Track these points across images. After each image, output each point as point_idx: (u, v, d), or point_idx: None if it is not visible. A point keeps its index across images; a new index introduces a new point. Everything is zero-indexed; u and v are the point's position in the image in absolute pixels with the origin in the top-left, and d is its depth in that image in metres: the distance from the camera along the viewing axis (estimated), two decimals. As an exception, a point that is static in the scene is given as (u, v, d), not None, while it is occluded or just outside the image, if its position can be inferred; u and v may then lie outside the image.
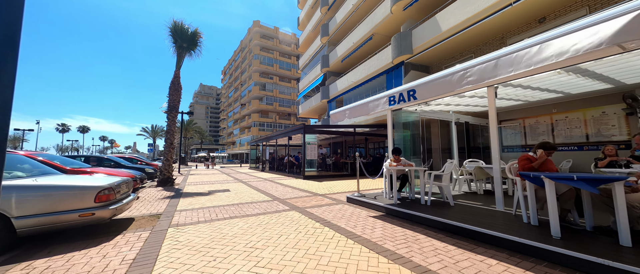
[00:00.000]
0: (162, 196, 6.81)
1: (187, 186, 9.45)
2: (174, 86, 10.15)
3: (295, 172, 14.26)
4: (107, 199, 3.34)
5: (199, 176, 14.70)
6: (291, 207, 5.17)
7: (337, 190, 7.67)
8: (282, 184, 9.70)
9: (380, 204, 4.65)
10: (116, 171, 6.49)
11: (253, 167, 23.41)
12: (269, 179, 11.61)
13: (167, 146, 9.89)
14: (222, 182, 10.69)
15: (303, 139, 11.79)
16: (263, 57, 50.41)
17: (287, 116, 54.29)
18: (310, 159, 11.89)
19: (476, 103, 6.95)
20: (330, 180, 10.83)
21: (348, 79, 17.17)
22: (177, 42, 10.24)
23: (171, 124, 9.98)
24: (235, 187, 8.84)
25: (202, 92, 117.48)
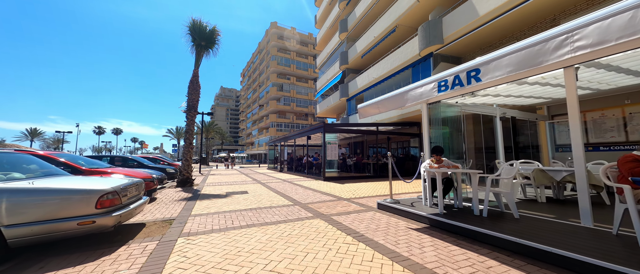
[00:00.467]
0: (179, 198, 6.53)
1: (205, 187, 9.22)
2: (193, 86, 10.01)
3: (314, 173, 13.70)
4: (110, 205, 2.93)
5: (218, 176, 14.65)
6: (315, 214, 4.55)
7: (363, 194, 6.94)
8: (301, 186, 9.16)
9: (422, 214, 3.88)
10: (134, 172, 6.30)
11: (271, 167, 23.25)
12: (287, 181, 11.14)
13: (186, 146, 9.76)
14: (240, 183, 10.39)
15: (323, 138, 11.18)
16: (280, 58, 50.68)
17: (304, 116, 54.14)
18: (331, 160, 11.25)
19: (530, 93, 5.90)
20: (352, 182, 10.11)
21: (369, 75, 16.30)
22: (195, 40, 10.11)
23: (190, 124, 9.84)
24: (253, 189, 8.44)
25: (222, 95, 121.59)
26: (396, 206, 4.49)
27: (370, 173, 12.83)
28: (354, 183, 9.68)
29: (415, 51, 11.71)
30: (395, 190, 7.57)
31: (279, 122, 50.33)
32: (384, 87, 15.17)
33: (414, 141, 14.37)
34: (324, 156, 11.10)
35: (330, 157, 11.12)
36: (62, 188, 2.71)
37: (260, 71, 59.04)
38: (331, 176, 11.20)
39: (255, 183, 10.19)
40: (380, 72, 14.94)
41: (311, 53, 55.35)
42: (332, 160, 11.24)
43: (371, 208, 4.99)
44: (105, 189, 2.91)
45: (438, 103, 5.42)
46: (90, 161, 6.49)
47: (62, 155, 5.51)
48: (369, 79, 16.14)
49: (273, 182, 10.36)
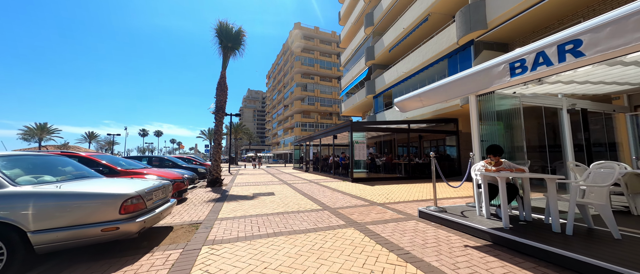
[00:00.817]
0: (208, 199, 6.52)
1: (233, 187, 9.27)
2: (221, 87, 10.15)
3: (340, 173, 13.20)
4: (134, 210, 2.78)
5: (246, 176, 14.88)
6: (348, 222, 4.08)
7: (397, 198, 6.29)
8: (329, 187, 8.74)
9: (480, 228, 3.20)
10: (167, 172, 6.42)
11: (297, 167, 23.25)
12: (314, 181, 10.81)
13: (215, 147, 9.92)
14: (267, 183, 10.31)
15: (350, 137, 10.63)
16: (304, 58, 50.92)
17: (328, 115, 53.78)
18: (358, 160, 10.66)
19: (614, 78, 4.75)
20: (382, 184, 9.42)
21: (397, 70, 15.32)
22: (222, 42, 10.24)
23: (219, 124, 9.99)
24: (280, 190, 8.22)
25: (249, 97, 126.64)
26: (443, 216, 3.83)
27: (401, 174, 11.95)
28: (384, 185, 9.00)
29: (453, 40, 10.59)
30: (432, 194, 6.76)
31: (303, 122, 50.64)
32: (415, 81, 14.10)
33: (450, 140, 13.11)
34: (351, 155, 10.55)
35: (358, 157, 10.53)
36: (86, 192, 2.61)
37: (284, 72, 60.02)
38: (359, 177, 10.61)
39: (281, 184, 10.03)
40: (410, 65, 13.91)
41: (335, 51, 54.75)
42: (360, 160, 10.64)
43: (411, 216, 4.37)
44: (129, 193, 2.76)
45: (490, 95, 4.61)
46: (129, 163, 6.78)
47: (103, 156, 5.77)
48: (398, 74, 15.15)
49: (299, 183, 10.10)
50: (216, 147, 9.92)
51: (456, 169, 12.21)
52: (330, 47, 54.40)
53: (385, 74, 17.04)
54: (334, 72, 53.37)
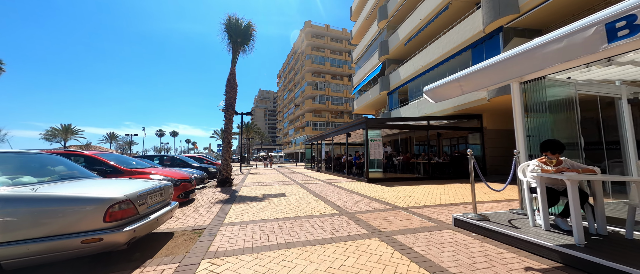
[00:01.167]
0: (216, 200, 6.15)
1: (243, 187, 8.91)
2: (230, 84, 9.83)
3: (354, 173, 12.59)
4: (122, 217, 2.37)
5: (257, 175, 14.60)
6: (370, 230, 3.52)
7: (422, 201, 5.64)
8: (343, 188, 8.18)
9: (544, 244, 2.54)
10: (174, 172, 6.11)
11: (308, 166, 22.82)
12: (327, 182, 10.28)
13: (225, 146, 9.62)
14: (278, 183, 9.90)
15: (365, 135, 10.01)
16: (315, 57, 50.49)
17: (339, 114, 53.07)
18: (374, 159, 10.02)
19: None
20: (401, 184, 8.74)
21: (414, 64, 14.48)
22: (231, 37, 9.92)
23: (228, 122, 9.68)
24: (291, 190, 7.76)
25: (261, 97, 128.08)
26: (487, 226, 3.18)
27: (420, 174, 11.18)
28: (403, 186, 8.32)
29: (478, 28, 9.71)
30: (460, 197, 6.03)
31: (314, 121, 50.25)
32: (434, 75, 13.23)
33: (473, 137, 12.16)
34: (366, 154, 9.93)
35: (374, 156, 9.91)
36: (64, 196, 2.21)
37: (295, 71, 59.87)
38: (375, 177, 9.97)
39: (293, 184, 9.58)
40: (428, 58, 13.05)
41: (346, 49, 53.94)
42: (375, 159, 10.00)
43: (445, 225, 3.74)
44: (116, 197, 2.35)
45: (539, 81, 3.89)
46: (138, 162, 6.52)
47: (108, 155, 5.53)
48: (415, 68, 14.31)
49: (311, 184, 9.61)
50: (226, 146, 9.62)
51: (481, 170, 11.27)
52: (341, 45, 53.64)
53: (400, 69, 16.21)
54: (345, 70, 52.59)
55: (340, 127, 12.98)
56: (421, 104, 13.55)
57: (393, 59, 18.27)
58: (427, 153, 11.32)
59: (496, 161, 11.23)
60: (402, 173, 11.72)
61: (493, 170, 11.15)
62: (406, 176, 10.78)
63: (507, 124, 11.54)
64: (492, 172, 11.16)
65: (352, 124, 11.25)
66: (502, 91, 8.32)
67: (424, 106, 13.22)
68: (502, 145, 11.36)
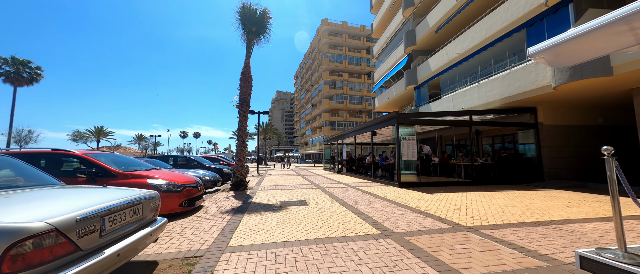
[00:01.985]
0: (226, 208, 5.21)
1: (259, 191, 7.97)
2: (245, 77, 8.98)
3: (381, 176, 11.24)
4: (41, 261, 1.37)
5: (274, 177, 13.72)
6: (442, 270, 2.29)
7: (487, 217, 4.25)
8: (373, 194, 6.92)
9: None
10: (178, 175, 5.24)
11: (327, 168, 21.67)
12: (351, 186, 9.06)
13: (239, 145, 8.77)
14: (297, 187, 8.86)
15: (395, 132, 8.66)
16: (332, 55, 49.33)
17: (358, 113, 51.40)
18: (408, 160, 8.63)
19: None
20: (442, 190, 7.30)
21: (448, 52, 12.80)
22: (245, 26, 9.07)
23: (242, 120, 8.82)
24: (313, 197, 6.65)
25: (278, 98, 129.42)
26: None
27: (460, 178, 9.57)
28: (446, 192, 6.88)
29: (537, 1, 7.97)
30: (535, 208, 4.52)
31: (332, 121, 49.07)
32: (474, 64, 11.51)
33: (525, 135, 10.28)
34: (397, 155, 8.58)
35: (407, 156, 8.53)
36: None
37: (312, 71, 59.12)
38: (408, 181, 8.58)
39: (313, 188, 8.48)
40: (467, 45, 11.35)
41: (364, 46, 52.21)
42: (409, 160, 8.61)
43: (559, 265, 2.40)
44: (28, 228, 1.35)
45: None
46: (141, 164, 5.71)
47: (100, 155, 4.76)
48: (449, 58, 12.63)
49: (335, 188, 8.45)
50: (240, 145, 8.76)
51: (535, 173, 9.42)
52: (359, 42, 51.99)
53: (430, 59, 14.54)
54: (363, 68, 50.87)
55: (364, 124, 11.68)
56: (457, 98, 11.86)
57: (421, 50, 16.58)
58: (469, 153, 9.68)
59: (556, 164, 9.32)
60: (436, 176, 10.15)
61: (552, 174, 9.26)
62: (443, 180, 9.24)
63: (573, 118, 9.57)
64: (551, 176, 9.27)
65: (380, 121, 9.93)
66: (577, 75, 6.59)
67: (462, 99, 11.53)
68: (564, 144, 9.42)
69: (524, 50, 8.99)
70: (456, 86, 12.72)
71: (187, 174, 5.50)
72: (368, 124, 11.11)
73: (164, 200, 4.31)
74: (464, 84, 12.11)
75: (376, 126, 10.46)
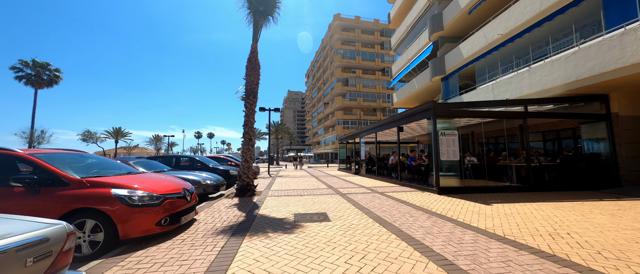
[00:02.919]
0: (222, 226, 3.93)
1: (268, 198, 6.69)
2: (251, 64, 7.74)
3: (408, 178, 9.68)
4: None
5: (286, 179, 12.46)
6: None
7: (601, 248, 2.68)
8: (413, 205, 5.43)
9: None
10: (159, 181, 4.00)
11: (343, 168, 20.19)
12: (377, 191, 7.59)
13: (246, 143, 7.54)
14: (313, 192, 7.50)
15: (432, 126, 7.09)
16: (345, 51, 47.67)
17: (372, 111, 49.44)
18: (448, 160, 7.02)
19: None
20: (498, 199, 5.69)
21: (486, 34, 10.97)
22: (252, 6, 7.82)
23: (249, 113, 7.58)
24: (335, 207, 5.26)
25: (289, 98, 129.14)
26: None
27: (513, 182, 7.82)
28: (507, 202, 5.27)
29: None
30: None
31: (345, 119, 47.44)
32: (522, 45, 9.67)
33: (590, 129, 8.36)
34: (435, 154, 7.01)
35: (447, 156, 6.94)
36: None
37: (324, 68, 57.73)
38: (449, 186, 6.99)
39: (332, 194, 7.09)
40: (514, 22, 9.51)
41: (378, 41, 50.15)
42: (450, 161, 7.00)
43: None
44: None
45: None
46: (120, 167, 4.57)
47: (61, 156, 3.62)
48: (488, 40, 10.80)
49: (358, 194, 7.01)
50: (247, 143, 7.53)
51: (609, 177, 7.53)
52: (372, 37, 49.97)
53: (462, 45, 12.72)
54: (377, 64, 48.83)
55: (390, 118, 10.10)
56: (499, 87, 10.04)
57: (449, 37, 14.73)
58: (525, 152, 7.92)
59: (637, 165, 7.39)
60: (476, 178, 8.44)
61: (633, 179, 7.34)
62: (491, 184, 7.55)
63: (660, 107, 7.57)
64: (632, 181, 7.35)
65: (410, 113, 8.36)
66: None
67: (505, 88, 9.71)
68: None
69: (600, 21, 7.12)
70: (497, 73, 10.87)
71: (175, 179, 4.28)
72: (395, 118, 9.55)
73: (134, 218, 3.09)
74: (507, 71, 10.27)
75: (404, 120, 8.89)
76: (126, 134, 54.07)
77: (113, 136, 51.20)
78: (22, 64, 30.30)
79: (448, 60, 13.91)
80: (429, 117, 7.29)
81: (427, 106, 7.23)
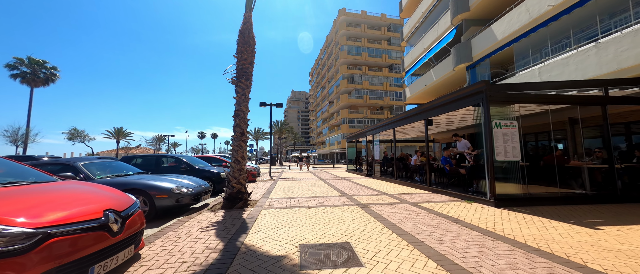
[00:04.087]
0: (190, 262, 2.23)
1: (264, 211, 4.97)
2: (244, 38, 6.05)
3: (436, 183, 7.87)
4: None
5: (290, 182, 10.75)
6: None
7: None
8: (475, 227, 3.66)
9: None
10: (59, 199, 2.36)
11: (352, 169, 18.40)
12: (408, 200, 5.82)
13: (237, 138, 5.84)
14: (323, 202, 5.76)
15: (484, 114, 5.29)
16: (350, 47, 45.85)
17: (379, 109, 47.48)
18: (507, 161, 5.19)
19: None
20: (593, 216, 3.90)
21: (529, 9, 9.08)
22: (245, -37, 6.14)
23: (241, 100, 5.89)
24: (361, 231, 3.51)
25: (293, 98, 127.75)
26: None
27: (584, 189, 5.94)
28: (616, 223, 3.47)
29: None
30: None
31: (351, 118, 45.60)
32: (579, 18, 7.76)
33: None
34: (489, 152, 5.20)
35: (505, 154, 5.14)
36: None
37: (329, 66, 55.99)
38: (508, 195, 5.17)
39: (350, 205, 5.33)
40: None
41: (385, 37, 48.20)
42: (511, 161, 5.17)
43: None
44: None
45: None
46: (27, 174, 2.92)
47: None
48: (532, 16, 8.91)
49: (384, 205, 5.25)
50: (238, 138, 5.84)
51: None
52: (379, 33, 48.03)
53: (495, 25, 10.83)
54: (384, 60, 46.88)
55: (417, 109, 8.25)
56: (550, 71, 8.17)
57: (476, 19, 12.85)
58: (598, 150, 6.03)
59: None
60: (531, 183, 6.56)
61: None
62: (561, 193, 5.69)
63: None
64: None
65: (449, 100, 6.51)
66: None
67: (559, 71, 7.83)
68: None
69: None
70: (544, 54, 8.98)
71: (102, 194, 2.59)
72: (424, 107, 7.71)
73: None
74: (560, 51, 8.38)
75: (437, 109, 7.06)
76: (128, 134, 53.19)
77: (114, 136, 50.35)
78: (18, 62, 29.29)
79: (476, 45, 12.03)
80: (478, 103, 5.48)
81: (476, 88, 5.41)
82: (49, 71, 31.22)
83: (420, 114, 7.99)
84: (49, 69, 31.19)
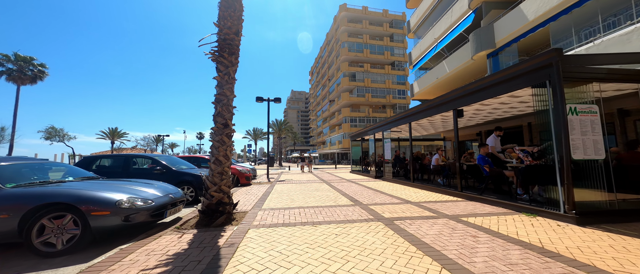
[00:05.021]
0: None
1: (251, 232, 3.51)
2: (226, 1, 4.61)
3: (469, 187, 6.46)
4: None
5: (289, 186, 9.30)
6: None
7: None
8: (581, 266, 2.20)
9: None
10: None
11: (357, 170, 16.96)
12: (446, 213, 4.39)
13: (217, 131, 4.38)
14: (332, 214, 4.32)
15: (554, 97, 3.87)
16: (351, 44, 44.44)
17: (381, 108, 46.10)
18: (590, 160, 3.77)
19: None
20: None
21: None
22: None
23: (224, 82, 4.44)
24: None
25: (293, 98, 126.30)
26: None
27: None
28: None
29: None
30: None
31: (352, 117, 44.15)
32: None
33: None
34: (564, 147, 3.78)
35: (584, 151, 3.73)
36: None
37: (329, 63, 54.58)
38: (592, 208, 3.72)
39: (370, 221, 3.89)
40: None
41: (387, 33, 46.83)
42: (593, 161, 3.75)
43: None
44: None
45: None
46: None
47: None
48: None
49: (419, 221, 3.82)
50: (219, 131, 4.38)
51: None
52: (381, 29, 46.66)
53: (524, 4, 9.40)
54: (386, 57, 45.46)
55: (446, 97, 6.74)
56: (603, 50, 6.74)
57: (497, 1, 11.43)
58: None
59: None
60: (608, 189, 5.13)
61: None
62: None
63: None
64: None
65: (493, 82, 5.07)
66: None
67: (617, 49, 6.40)
68: None
69: None
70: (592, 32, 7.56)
71: None
72: (453, 94, 6.23)
73: None
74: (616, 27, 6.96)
75: (474, 95, 5.62)
76: (123, 135, 51.76)
77: (109, 136, 48.92)
78: (3, 58, 27.81)
79: (499, 28, 10.61)
80: (543, 82, 4.03)
81: (541, 60, 3.96)
82: (37, 69, 29.73)
83: (448, 103, 6.54)
84: (36, 67, 29.70)
